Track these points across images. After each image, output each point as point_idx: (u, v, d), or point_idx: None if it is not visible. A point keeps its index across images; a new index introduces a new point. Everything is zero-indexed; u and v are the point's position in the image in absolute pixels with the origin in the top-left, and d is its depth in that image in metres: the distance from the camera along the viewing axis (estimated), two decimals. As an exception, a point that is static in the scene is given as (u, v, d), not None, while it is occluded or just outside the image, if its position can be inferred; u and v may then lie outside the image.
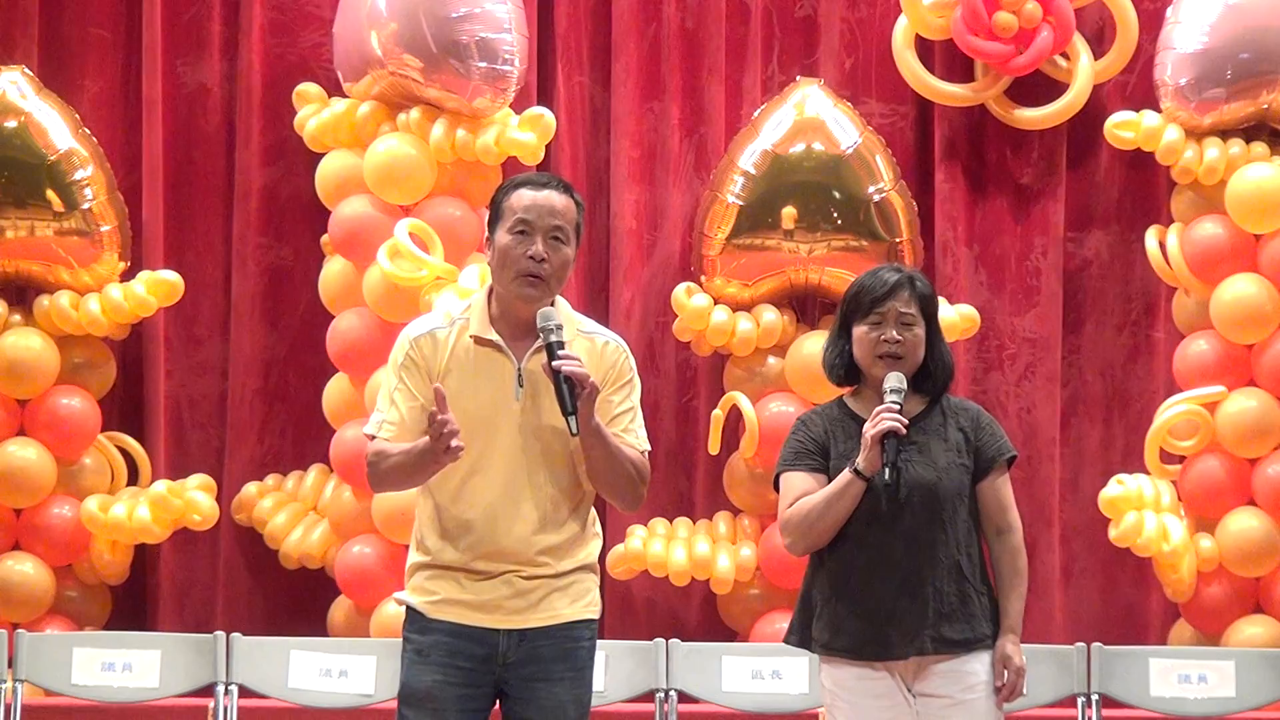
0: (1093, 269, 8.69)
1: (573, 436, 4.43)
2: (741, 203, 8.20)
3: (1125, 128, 8.28)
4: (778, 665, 7.38)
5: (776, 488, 4.90)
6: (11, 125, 8.15)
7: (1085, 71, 8.44)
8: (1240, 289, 8.08)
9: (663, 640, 7.49)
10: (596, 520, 4.67)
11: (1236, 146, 8.20)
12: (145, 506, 8.00)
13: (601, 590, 4.72)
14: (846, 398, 4.93)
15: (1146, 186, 8.62)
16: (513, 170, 7.88)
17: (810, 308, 8.41)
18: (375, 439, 4.55)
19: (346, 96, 8.27)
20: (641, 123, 8.64)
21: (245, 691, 7.34)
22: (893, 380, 4.76)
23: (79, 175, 8.13)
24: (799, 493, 4.80)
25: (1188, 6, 8.22)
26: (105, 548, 8.11)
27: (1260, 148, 8.24)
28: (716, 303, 8.23)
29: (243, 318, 8.54)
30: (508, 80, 8.02)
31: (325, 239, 8.31)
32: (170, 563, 8.44)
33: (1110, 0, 8.44)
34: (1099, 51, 8.53)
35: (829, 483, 4.78)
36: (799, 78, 8.43)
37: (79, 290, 8.18)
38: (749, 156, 8.24)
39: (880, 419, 4.69)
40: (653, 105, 8.66)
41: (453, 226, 8.03)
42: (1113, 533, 8.01)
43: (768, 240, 8.21)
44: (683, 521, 8.37)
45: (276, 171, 8.58)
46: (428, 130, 8.02)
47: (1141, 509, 8.00)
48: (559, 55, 8.61)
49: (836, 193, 8.21)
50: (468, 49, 7.93)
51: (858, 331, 4.84)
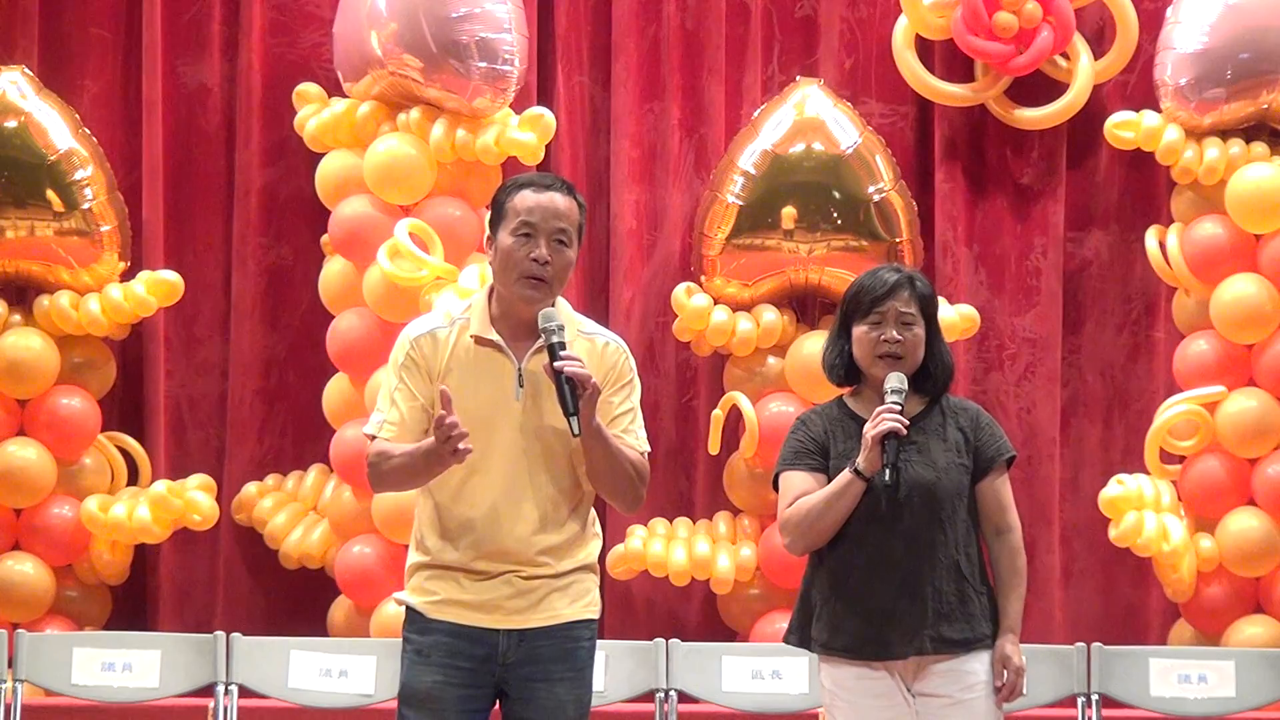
0: (1093, 269, 8.69)
1: (574, 437, 4.43)
2: (741, 203, 8.20)
3: (1125, 128, 8.28)
4: (778, 665, 7.38)
5: (776, 487, 4.90)
6: (11, 125, 8.15)
7: (1085, 71, 8.44)
8: (1240, 289, 8.08)
9: (663, 640, 7.49)
10: (596, 520, 4.67)
11: (1236, 146, 8.20)
12: (145, 506, 8.00)
13: (601, 590, 4.72)
14: (846, 397, 4.93)
15: (1146, 186, 8.61)
16: (513, 170, 7.87)
17: (810, 308, 8.41)
18: (376, 439, 4.54)
19: (346, 96, 8.27)
20: (641, 123, 8.64)
21: (245, 691, 7.34)
22: (893, 380, 4.76)
23: (79, 175, 8.13)
24: (798, 492, 4.80)
25: (1188, 6, 8.22)
26: (105, 548, 8.11)
27: (1260, 148, 8.25)
28: (716, 303, 8.23)
29: (243, 318, 8.54)
30: (508, 80, 8.02)
31: (325, 239, 8.31)
32: (170, 563, 8.44)
33: (1110, 0, 8.44)
34: (1099, 51, 8.53)
35: (828, 482, 4.78)
36: (799, 78, 8.43)
37: (79, 290, 8.18)
38: (749, 156, 8.24)
39: (881, 419, 4.68)
40: (653, 105, 8.66)
41: (453, 226, 8.03)
42: (1113, 533, 8.01)
43: (768, 240, 8.21)
44: (683, 521, 8.37)
45: (276, 171, 8.58)
46: (428, 130, 8.02)
47: (1141, 509, 8.00)
48: (559, 55, 8.61)
49: (836, 193, 8.21)
50: (468, 49, 7.93)
51: (857, 331, 4.84)
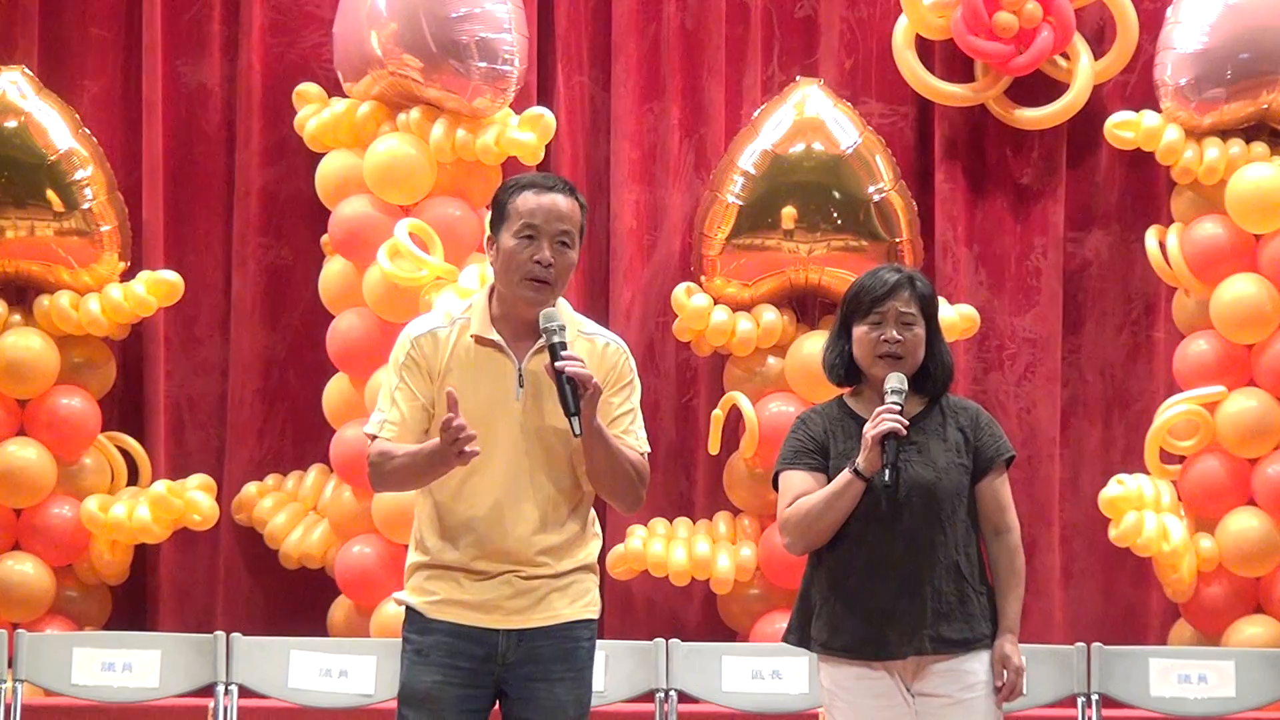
0: (1093, 269, 8.69)
1: (575, 437, 4.42)
2: (741, 203, 8.19)
3: (1125, 128, 8.28)
4: (778, 665, 7.38)
5: (775, 486, 4.90)
6: (11, 125, 8.15)
7: (1085, 71, 8.44)
8: (1240, 289, 8.08)
9: (663, 640, 7.49)
10: (596, 520, 4.67)
11: (1236, 146, 8.20)
12: (145, 506, 8.00)
13: (601, 590, 4.72)
14: (846, 397, 4.93)
15: (1146, 186, 8.61)
16: (512, 170, 7.87)
17: (810, 308, 8.41)
18: (377, 439, 4.54)
19: (346, 96, 8.27)
20: (641, 123, 8.64)
21: (245, 691, 7.34)
22: (893, 381, 4.76)
23: (79, 175, 8.13)
24: (798, 491, 4.80)
25: (1188, 6, 8.22)
26: (105, 548, 8.10)
27: (1260, 148, 8.24)
28: (716, 303, 8.23)
29: (243, 318, 8.54)
30: (508, 80, 8.02)
31: (325, 239, 8.31)
32: (170, 563, 8.44)
33: (1110, 0, 8.44)
34: (1099, 51, 8.53)
35: (828, 482, 4.78)
36: (799, 78, 8.43)
37: (79, 290, 8.18)
38: (749, 156, 8.23)
39: (881, 420, 4.68)
40: (653, 105, 8.66)
41: (453, 226, 8.03)
42: (1113, 533, 8.00)
43: (768, 240, 8.21)
44: (683, 521, 8.37)
45: (276, 171, 8.58)
46: (428, 130, 8.02)
47: (1141, 509, 7.99)
48: (559, 55, 8.61)
49: (836, 193, 8.21)
50: (468, 49, 7.93)
51: (857, 331, 4.84)
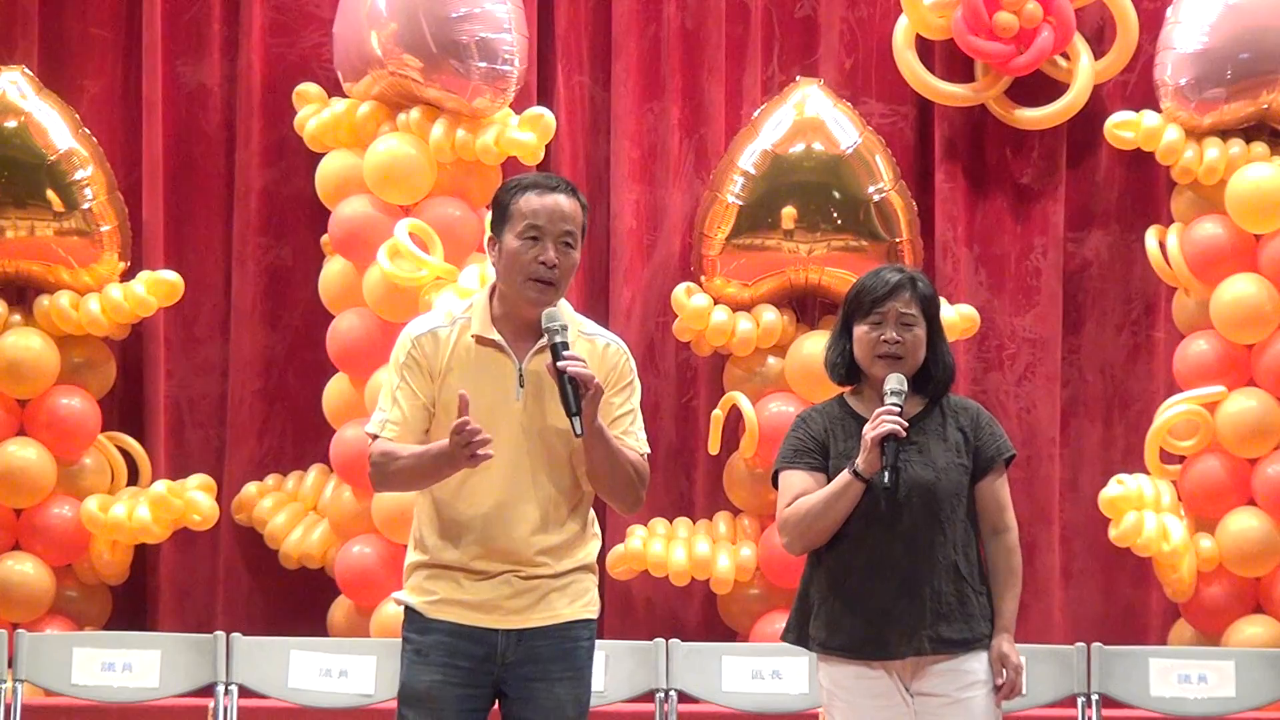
0: (1093, 269, 8.69)
1: (576, 437, 4.42)
2: (741, 203, 8.19)
3: (1125, 128, 8.28)
4: (777, 665, 7.38)
5: (775, 485, 4.90)
6: (11, 125, 8.14)
7: (1085, 71, 8.44)
8: (1240, 289, 8.08)
9: (663, 640, 7.49)
10: (595, 521, 4.67)
11: (1236, 146, 8.20)
12: (145, 506, 8.00)
13: (601, 590, 4.72)
14: (847, 396, 4.93)
15: (1146, 186, 8.61)
16: (512, 170, 7.87)
17: (810, 308, 8.41)
18: (378, 438, 4.54)
19: (346, 96, 8.27)
20: (641, 123, 8.63)
21: (245, 691, 7.34)
22: (893, 382, 4.76)
23: (79, 175, 8.13)
24: (797, 491, 4.80)
25: (1188, 6, 8.22)
26: (105, 548, 8.10)
27: (1260, 148, 8.24)
28: (716, 303, 8.22)
29: (243, 318, 8.54)
30: (508, 80, 8.02)
31: (325, 239, 8.31)
32: (170, 563, 8.44)
33: (1110, 0, 8.44)
34: (1099, 51, 8.53)
35: (828, 481, 4.78)
36: (799, 78, 8.43)
37: (79, 290, 8.18)
38: (749, 156, 8.23)
39: (880, 421, 4.68)
40: (653, 105, 8.66)
41: (453, 226, 8.03)
42: (1113, 533, 8.00)
43: (768, 240, 8.21)
44: (683, 521, 8.37)
45: (276, 171, 8.57)
46: (428, 130, 8.02)
47: (1141, 509, 7.99)
48: (559, 55, 8.61)
49: (836, 193, 8.21)
50: (468, 49, 7.93)
51: (858, 331, 4.84)
